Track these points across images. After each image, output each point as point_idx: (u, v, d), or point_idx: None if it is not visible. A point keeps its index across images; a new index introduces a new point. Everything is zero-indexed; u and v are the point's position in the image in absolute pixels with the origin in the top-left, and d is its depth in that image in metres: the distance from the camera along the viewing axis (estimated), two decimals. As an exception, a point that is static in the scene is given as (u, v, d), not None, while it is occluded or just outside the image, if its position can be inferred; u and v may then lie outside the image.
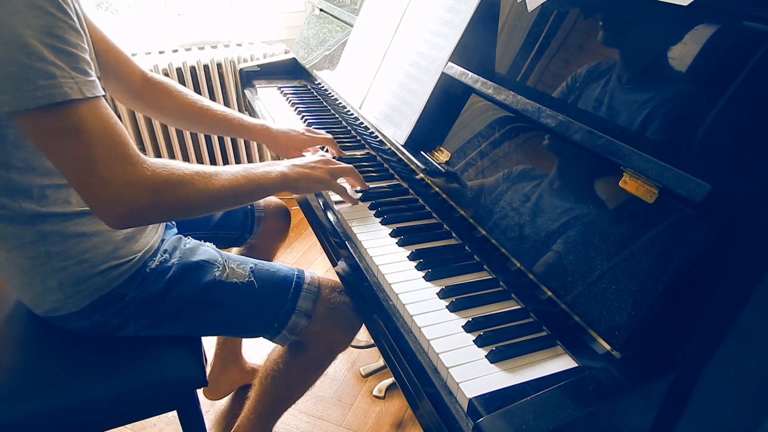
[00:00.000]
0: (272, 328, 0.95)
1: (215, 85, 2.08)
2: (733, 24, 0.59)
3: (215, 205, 0.83)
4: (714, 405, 0.71)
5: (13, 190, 0.75)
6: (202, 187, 0.77)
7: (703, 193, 0.55)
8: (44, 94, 0.61)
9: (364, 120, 1.20)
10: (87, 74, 0.66)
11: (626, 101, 0.69)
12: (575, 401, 0.55)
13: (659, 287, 0.57)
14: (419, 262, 0.83)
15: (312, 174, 0.93)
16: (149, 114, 1.14)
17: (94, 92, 0.67)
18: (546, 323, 0.70)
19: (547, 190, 0.74)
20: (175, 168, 0.75)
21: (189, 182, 0.75)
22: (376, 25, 1.26)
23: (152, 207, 0.71)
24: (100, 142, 0.66)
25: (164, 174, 0.72)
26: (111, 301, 0.86)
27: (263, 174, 0.87)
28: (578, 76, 0.76)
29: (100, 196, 0.68)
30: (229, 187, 0.81)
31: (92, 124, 0.65)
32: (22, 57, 0.60)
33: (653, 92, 0.66)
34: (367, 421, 1.41)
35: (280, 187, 0.89)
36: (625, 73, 0.70)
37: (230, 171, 0.83)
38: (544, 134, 0.78)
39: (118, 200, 0.68)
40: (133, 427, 1.38)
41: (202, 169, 0.79)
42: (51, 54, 0.62)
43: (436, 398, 0.63)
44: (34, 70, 0.61)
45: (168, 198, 0.73)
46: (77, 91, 0.64)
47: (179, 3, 2.11)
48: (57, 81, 0.62)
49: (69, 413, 0.81)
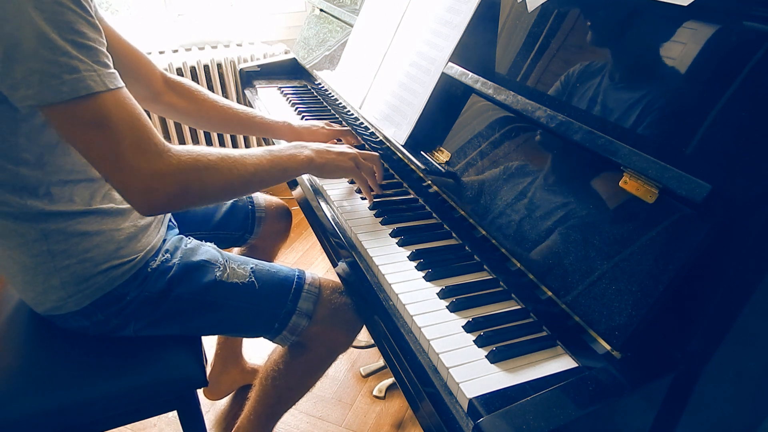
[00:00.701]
0: (273, 328, 0.95)
1: (215, 85, 2.08)
2: (733, 24, 0.59)
3: (243, 189, 0.85)
4: (714, 405, 0.71)
5: (20, 187, 0.75)
6: (228, 172, 0.78)
7: (704, 193, 0.55)
8: (70, 89, 0.63)
9: (364, 120, 1.20)
10: (107, 66, 0.68)
11: (626, 101, 0.69)
12: (575, 401, 0.55)
13: (659, 287, 0.57)
14: (419, 262, 0.83)
15: (337, 159, 0.95)
16: (169, 116, 1.15)
17: (116, 84, 0.68)
18: (546, 323, 0.70)
19: (547, 190, 0.74)
20: (201, 154, 0.76)
21: (215, 168, 0.76)
22: (376, 25, 1.26)
23: (182, 194, 0.73)
24: (125, 133, 0.67)
25: (190, 161, 0.73)
26: (112, 301, 0.86)
27: (289, 156, 0.89)
28: (578, 76, 0.76)
29: (130, 187, 0.69)
30: (254, 171, 0.82)
31: (117, 115, 0.67)
32: (46, 52, 0.61)
33: (653, 92, 0.66)
34: (367, 421, 1.41)
35: (305, 169, 0.92)
36: (625, 74, 0.70)
37: (256, 154, 0.84)
38: (544, 134, 0.78)
39: (148, 189, 0.70)
40: (133, 427, 1.38)
41: (228, 153, 0.80)
42: (73, 49, 0.63)
43: (437, 398, 0.63)
44: (59, 65, 0.62)
45: (196, 184, 0.74)
46: (101, 84, 0.65)
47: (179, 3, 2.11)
48: (81, 75, 0.63)
49: (69, 413, 0.81)
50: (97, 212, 0.82)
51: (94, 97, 0.65)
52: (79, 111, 0.65)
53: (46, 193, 0.77)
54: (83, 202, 0.81)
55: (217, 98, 1.15)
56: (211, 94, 1.14)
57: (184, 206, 0.77)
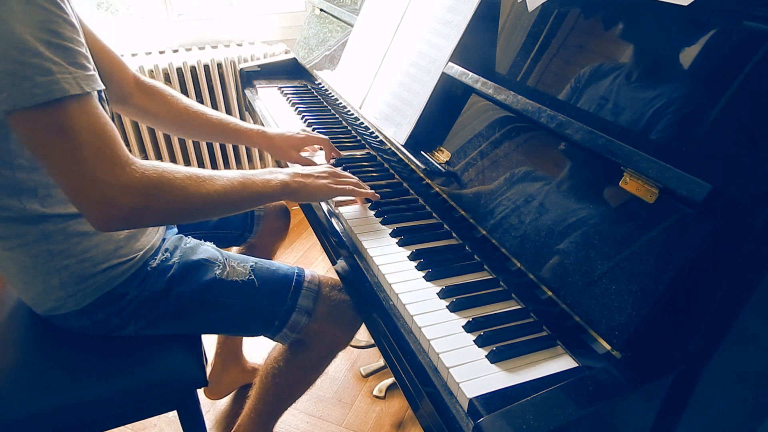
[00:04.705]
0: (273, 326, 0.95)
1: (215, 85, 2.08)
2: (733, 24, 0.59)
3: (210, 211, 0.80)
4: (714, 405, 0.71)
5: (18, 191, 0.74)
6: (195, 191, 0.74)
7: (704, 193, 0.55)
8: (43, 91, 0.60)
9: (364, 120, 1.20)
10: (85, 68, 0.65)
11: (626, 101, 0.69)
12: (575, 401, 0.55)
13: (659, 287, 0.57)
14: (419, 262, 0.83)
15: (313, 184, 0.91)
16: (140, 119, 1.12)
17: (93, 86, 0.66)
18: (546, 323, 0.70)
19: (547, 190, 0.74)
20: (167, 170, 0.72)
21: (180, 186, 0.73)
22: (376, 25, 1.26)
23: (143, 209, 0.69)
24: (87, 142, 0.64)
25: (154, 176, 0.70)
26: (112, 300, 0.86)
27: (263, 182, 0.85)
28: (578, 76, 0.76)
29: (88, 197, 0.66)
30: (224, 192, 0.78)
31: (81, 123, 0.64)
32: (17, 54, 0.59)
33: (653, 92, 0.66)
34: (367, 421, 1.41)
35: (279, 195, 0.87)
36: (625, 74, 0.70)
37: (227, 176, 0.81)
38: (545, 134, 0.78)
39: (107, 201, 0.66)
40: (133, 427, 1.38)
41: (196, 173, 0.76)
42: (47, 50, 0.61)
43: (437, 398, 0.63)
44: (31, 67, 0.59)
45: (159, 201, 0.71)
46: (75, 87, 0.63)
47: (179, 3, 2.11)
48: (54, 77, 0.61)
49: (69, 413, 0.81)
50: None
51: (60, 104, 0.62)
52: (45, 115, 0.62)
53: (45, 196, 0.77)
54: None
55: (191, 103, 1.12)
56: (184, 99, 1.11)
57: (143, 223, 0.74)
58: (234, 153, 2.25)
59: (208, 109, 1.14)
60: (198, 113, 1.11)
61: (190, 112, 1.11)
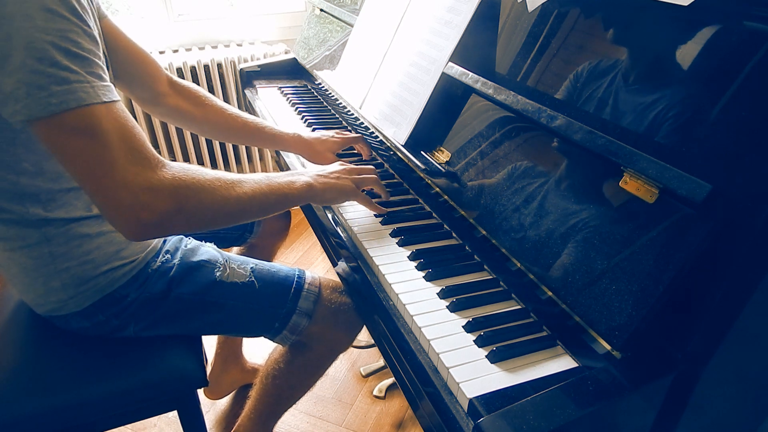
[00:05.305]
0: (273, 328, 0.95)
1: (215, 85, 2.07)
2: (733, 24, 0.59)
3: (239, 214, 0.78)
4: (714, 405, 0.71)
5: (21, 195, 0.74)
6: (225, 194, 0.73)
7: (704, 193, 0.55)
8: (59, 101, 0.59)
9: (364, 120, 1.20)
10: (102, 79, 0.64)
11: (626, 102, 0.69)
12: (575, 401, 0.55)
13: (659, 287, 0.57)
14: (419, 262, 0.83)
15: (338, 184, 0.90)
16: (172, 120, 1.11)
17: (111, 97, 0.64)
18: (546, 323, 0.70)
19: (547, 190, 0.74)
20: (197, 173, 0.71)
21: (210, 188, 0.71)
22: (376, 25, 1.26)
23: (175, 213, 0.67)
24: (116, 144, 0.62)
25: (185, 178, 0.68)
26: (113, 302, 0.86)
27: (287, 183, 0.83)
28: (578, 76, 0.76)
29: (119, 202, 0.63)
30: (252, 195, 0.77)
31: (108, 125, 0.62)
32: (33, 62, 0.57)
33: (653, 92, 0.66)
34: (367, 421, 1.41)
35: (305, 197, 0.86)
36: (625, 74, 0.70)
37: (253, 179, 0.79)
38: (545, 134, 0.78)
39: (141, 205, 0.63)
40: (133, 427, 1.38)
41: (224, 176, 0.75)
42: (65, 58, 0.59)
43: (437, 398, 0.63)
44: (47, 76, 0.58)
45: (190, 204, 0.68)
46: (94, 95, 0.61)
47: (179, 3, 2.11)
48: (72, 86, 0.59)
49: (69, 413, 0.81)
50: (98, 216, 0.82)
51: (86, 108, 0.60)
52: (68, 122, 0.60)
53: (48, 200, 0.76)
54: (84, 207, 0.80)
55: (225, 106, 1.11)
56: (219, 101, 1.10)
57: (175, 229, 0.70)
58: (234, 153, 2.25)
59: (243, 112, 1.13)
60: (234, 116, 1.10)
61: (225, 115, 1.10)
